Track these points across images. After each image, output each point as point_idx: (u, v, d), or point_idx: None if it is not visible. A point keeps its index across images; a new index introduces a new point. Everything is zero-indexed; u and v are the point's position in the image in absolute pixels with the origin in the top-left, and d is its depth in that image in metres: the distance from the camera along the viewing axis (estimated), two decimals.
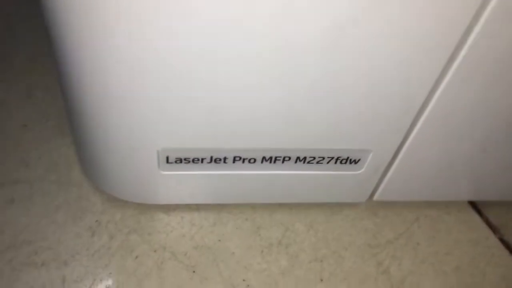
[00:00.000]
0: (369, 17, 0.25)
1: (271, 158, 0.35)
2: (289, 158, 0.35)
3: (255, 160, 0.35)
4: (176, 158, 0.34)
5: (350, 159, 0.35)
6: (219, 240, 0.39)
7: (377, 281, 0.38)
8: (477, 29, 0.27)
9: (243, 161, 0.35)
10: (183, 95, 0.29)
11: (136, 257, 0.37)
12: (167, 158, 0.33)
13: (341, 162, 0.35)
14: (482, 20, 0.26)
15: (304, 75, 0.28)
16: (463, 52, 0.28)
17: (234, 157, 0.34)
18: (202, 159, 0.34)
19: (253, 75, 0.28)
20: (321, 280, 0.37)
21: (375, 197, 0.40)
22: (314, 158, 0.35)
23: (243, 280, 0.36)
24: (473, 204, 0.45)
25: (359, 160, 0.35)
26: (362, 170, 0.36)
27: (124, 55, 0.27)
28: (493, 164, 0.38)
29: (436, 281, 0.38)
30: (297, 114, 0.31)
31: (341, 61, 0.28)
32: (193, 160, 0.34)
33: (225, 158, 0.34)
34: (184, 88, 0.28)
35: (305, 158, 0.35)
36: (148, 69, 0.27)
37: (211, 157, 0.34)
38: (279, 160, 0.35)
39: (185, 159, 0.34)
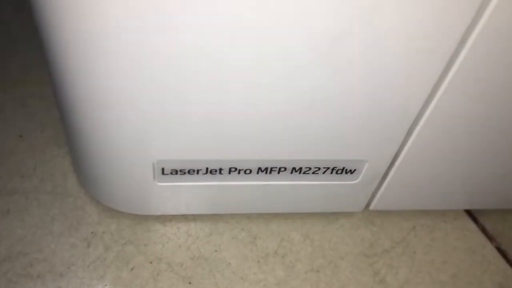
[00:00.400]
0: (363, 29, 0.25)
1: (266, 168, 0.35)
2: (285, 168, 0.35)
3: (250, 171, 0.35)
4: (171, 170, 0.34)
5: (346, 169, 0.35)
6: (216, 251, 0.39)
7: None
8: (472, 37, 0.27)
9: (239, 172, 0.35)
10: (178, 108, 0.29)
11: (132, 268, 0.36)
12: (163, 169, 0.33)
13: (336, 172, 0.35)
14: (478, 28, 0.26)
15: (299, 87, 0.28)
16: (458, 63, 0.28)
17: (230, 168, 0.34)
18: (198, 170, 0.34)
19: (249, 87, 0.28)
20: None
21: (371, 207, 0.40)
22: (310, 168, 0.35)
23: None
24: (469, 213, 0.45)
25: (354, 170, 0.35)
26: (358, 180, 0.36)
27: (119, 67, 0.27)
28: (490, 172, 0.38)
29: None
30: (292, 125, 0.31)
31: (336, 73, 0.28)
32: (188, 172, 0.34)
33: (220, 169, 0.34)
34: (179, 100, 0.28)
35: (300, 168, 0.35)
36: (143, 81, 0.27)
37: (207, 168, 0.34)
38: (274, 170, 0.35)
39: (180, 171, 0.34)
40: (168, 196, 0.37)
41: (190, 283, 0.36)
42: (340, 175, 0.36)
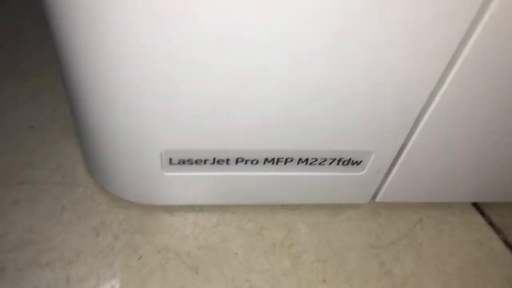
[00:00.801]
0: (369, 20, 0.26)
1: (273, 159, 0.35)
2: (292, 159, 0.35)
3: (257, 162, 0.35)
4: (179, 160, 0.34)
5: (352, 161, 0.35)
6: (222, 241, 0.39)
7: (379, 282, 0.38)
8: (479, 29, 0.27)
9: (246, 162, 0.35)
10: (185, 98, 0.29)
11: (140, 257, 0.37)
12: (170, 159, 0.34)
13: (343, 164, 0.36)
14: (485, 19, 0.26)
15: (305, 78, 0.29)
16: (464, 54, 0.28)
17: (237, 159, 0.34)
18: (205, 161, 0.34)
19: (256, 78, 0.28)
20: (324, 281, 0.37)
21: (378, 199, 0.41)
22: (316, 159, 0.35)
23: (246, 280, 0.36)
24: (476, 205, 0.45)
25: (361, 161, 0.36)
26: (364, 171, 0.37)
27: (128, 58, 0.27)
28: (496, 165, 0.38)
29: (438, 282, 0.38)
30: (299, 115, 0.31)
31: (342, 64, 0.28)
32: (196, 162, 0.34)
33: (227, 160, 0.34)
34: (187, 91, 0.29)
35: (307, 159, 0.35)
36: (151, 73, 0.28)
37: (214, 159, 0.34)
38: (281, 161, 0.35)
39: (188, 161, 0.34)
40: (176, 186, 0.37)
41: (197, 272, 0.37)
42: (346, 166, 0.36)
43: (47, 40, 0.30)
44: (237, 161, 0.35)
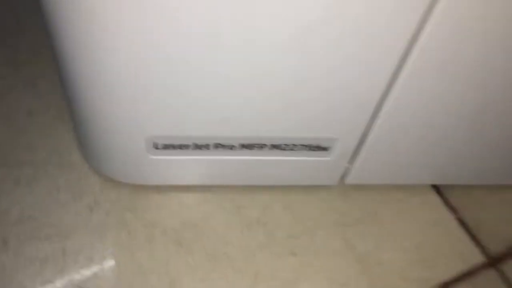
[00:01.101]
0: (327, 13, 0.28)
1: (248, 145, 0.39)
2: (265, 145, 0.39)
3: (234, 147, 0.39)
4: (163, 145, 0.38)
5: (320, 146, 0.39)
6: (204, 218, 0.43)
7: (344, 256, 0.42)
8: (432, 19, 0.29)
9: (224, 148, 0.39)
10: (168, 87, 0.33)
11: (130, 232, 0.41)
12: (155, 144, 0.37)
13: (311, 149, 0.39)
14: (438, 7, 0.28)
15: (273, 72, 0.32)
16: (419, 44, 0.30)
17: (215, 144, 0.38)
18: (187, 146, 0.38)
19: (230, 72, 0.32)
20: (294, 254, 0.41)
21: (347, 181, 0.44)
22: (287, 145, 0.39)
23: (224, 253, 0.41)
24: (436, 187, 0.49)
25: (327, 147, 0.39)
26: (331, 156, 0.40)
27: (115, 48, 0.30)
28: (454, 150, 0.42)
29: (397, 257, 0.43)
30: (268, 106, 0.35)
31: (305, 58, 0.31)
32: (179, 146, 0.38)
33: (207, 145, 0.38)
34: (169, 81, 0.32)
35: (279, 145, 0.39)
36: (136, 64, 0.31)
37: (195, 144, 0.38)
38: (256, 146, 0.39)
39: (171, 145, 0.38)
40: (162, 168, 0.41)
41: (181, 245, 0.41)
42: (314, 151, 0.40)
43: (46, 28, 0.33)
44: (216, 146, 0.38)
